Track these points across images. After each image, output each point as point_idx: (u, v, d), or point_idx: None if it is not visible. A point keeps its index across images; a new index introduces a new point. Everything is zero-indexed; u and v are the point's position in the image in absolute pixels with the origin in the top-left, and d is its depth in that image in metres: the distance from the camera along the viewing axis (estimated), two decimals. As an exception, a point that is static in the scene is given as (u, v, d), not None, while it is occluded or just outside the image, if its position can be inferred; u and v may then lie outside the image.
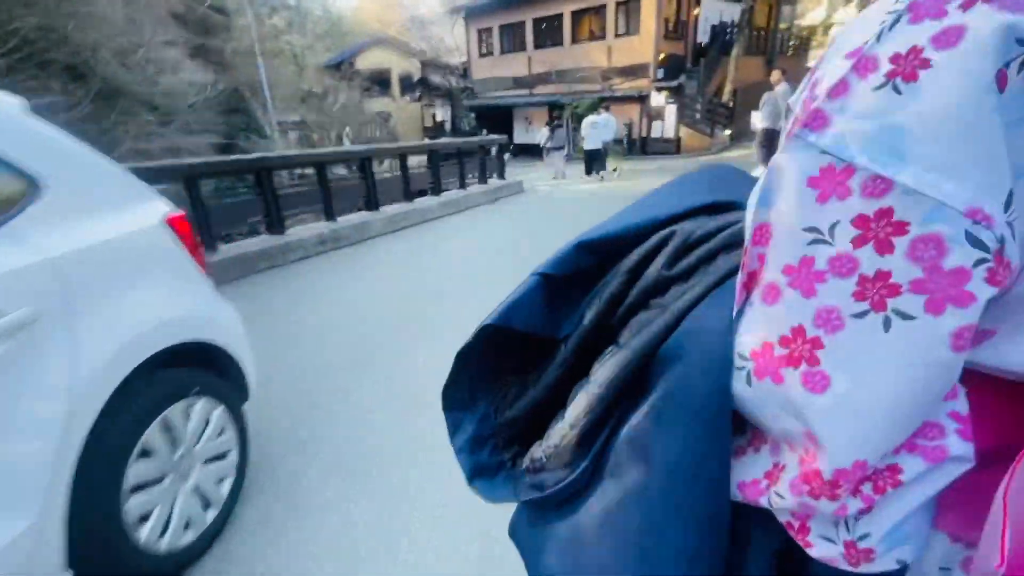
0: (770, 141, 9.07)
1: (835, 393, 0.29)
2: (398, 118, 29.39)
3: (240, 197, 6.08)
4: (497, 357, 0.46)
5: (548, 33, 19.27)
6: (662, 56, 16.44)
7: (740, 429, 0.37)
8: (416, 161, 8.70)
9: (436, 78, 26.58)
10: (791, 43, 21.86)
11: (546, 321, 0.44)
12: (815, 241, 0.29)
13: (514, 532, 0.48)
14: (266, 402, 2.34)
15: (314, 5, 49.48)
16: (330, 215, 6.05)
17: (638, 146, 17.45)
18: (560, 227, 6.43)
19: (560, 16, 18.43)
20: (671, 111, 16.44)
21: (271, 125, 26.48)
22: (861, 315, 0.28)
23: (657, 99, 16.64)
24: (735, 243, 0.41)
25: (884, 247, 0.27)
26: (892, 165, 0.27)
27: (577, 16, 18.12)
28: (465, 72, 23.59)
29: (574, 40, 18.47)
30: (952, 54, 0.26)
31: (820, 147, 0.28)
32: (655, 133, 17.03)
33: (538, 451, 0.43)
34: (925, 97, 0.26)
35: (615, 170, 11.89)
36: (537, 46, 19.65)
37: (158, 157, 20.08)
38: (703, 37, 18.30)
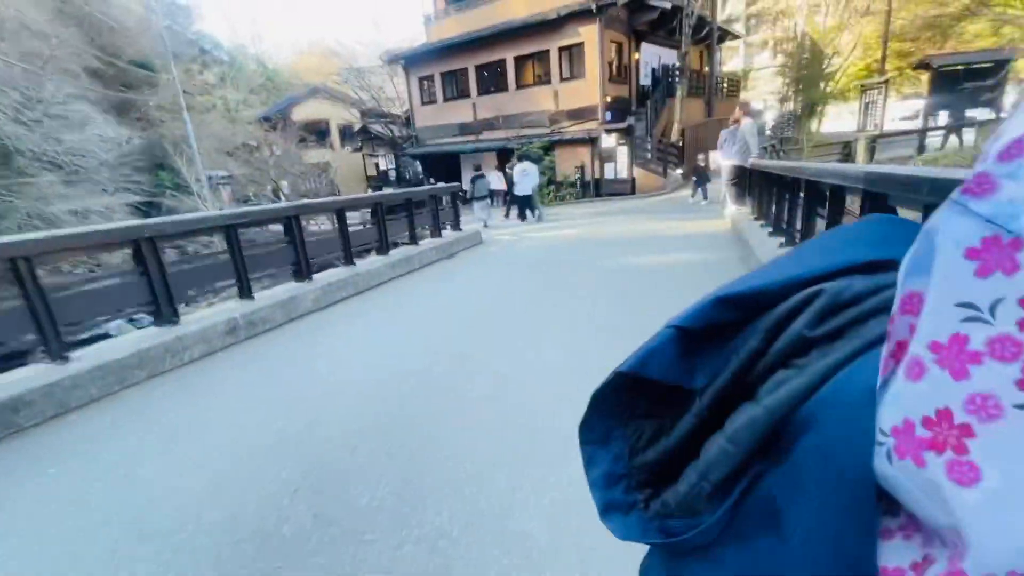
0: (740, 178, 8.61)
1: (986, 489, 0.26)
2: (339, 169, 28.18)
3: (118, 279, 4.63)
4: (631, 400, 0.45)
5: (492, 79, 19.00)
6: (609, 99, 16.39)
7: (893, 512, 0.33)
8: (360, 216, 7.55)
9: (378, 127, 25.78)
10: (724, 87, 22.79)
11: (681, 372, 0.43)
12: (971, 319, 0.26)
13: (645, 572, 0.49)
14: None
15: (249, 60, 48.44)
16: (245, 291, 4.72)
17: (592, 188, 17.09)
18: (538, 285, 5.39)
19: (503, 62, 18.23)
20: (623, 152, 16.26)
21: (199, 181, 24.59)
22: None
23: (608, 141, 16.46)
24: (888, 308, 0.36)
25: None
26: None
27: (520, 62, 17.96)
28: (408, 120, 22.92)
29: (519, 85, 18.25)
30: None
31: (984, 215, 0.25)
32: (608, 174, 16.75)
33: (669, 497, 0.43)
34: None
35: (537, 213, 12.39)
36: (481, 92, 19.32)
37: (63, 222, 17.70)
38: (644, 80, 18.59)
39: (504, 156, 18.31)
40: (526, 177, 11.84)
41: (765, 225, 6.44)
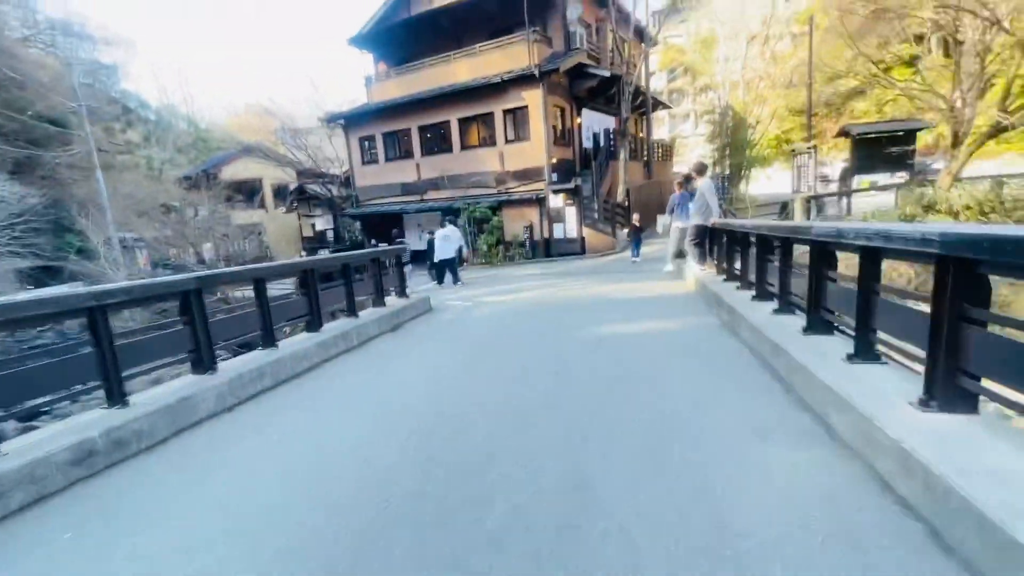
0: (703, 238, 8.32)
1: None
2: (272, 230, 26.57)
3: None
4: None
5: (436, 140, 18.73)
6: (554, 161, 16.43)
7: None
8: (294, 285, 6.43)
9: (314, 187, 24.71)
10: (659, 152, 23.96)
11: None
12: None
13: None
14: None
15: (179, 119, 46.39)
16: (116, 394, 3.46)
17: (542, 248, 16.73)
18: (506, 369, 4.46)
19: (447, 123, 18.07)
20: (571, 212, 16.14)
21: (109, 243, 22.15)
22: None
23: (555, 201, 16.33)
24: None
25: None
26: None
27: (465, 123, 17.86)
28: (348, 180, 22.09)
29: (463, 146, 18.05)
30: None
31: None
32: (558, 234, 16.50)
33: None
34: None
35: (457, 280, 12.07)
36: (425, 152, 18.95)
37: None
38: (587, 144, 19.00)
39: (448, 215, 17.75)
40: (447, 243, 11.58)
41: (742, 287, 5.98)
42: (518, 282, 11.34)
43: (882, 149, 14.25)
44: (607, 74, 17.11)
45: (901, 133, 14.12)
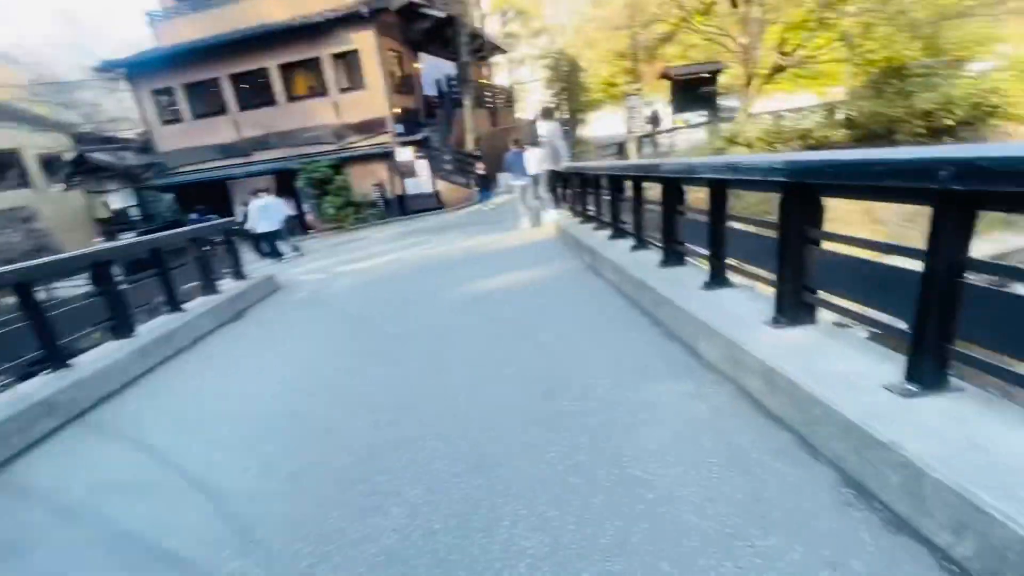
0: (555, 182, 8.48)
1: None
2: (48, 213, 21.13)
3: None
4: None
5: (255, 91, 16.18)
6: (397, 111, 15.35)
7: None
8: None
9: (101, 155, 19.95)
10: (503, 98, 23.86)
11: None
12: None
13: None
14: None
15: None
16: None
17: (396, 206, 15.84)
18: (373, 349, 4.06)
19: (266, 71, 15.65)
20: (423, 166, 15.41)
21: None
22: None
23: (404, 155, 15.40)
24: None
25: None
26: None
27: (288, 71, 15.65)
28: (147, 146, 18.20)
29: (290, 97, 15.89)
30: None
31: None
32: (412, 190, 15.71)
33: None
34: None
35: (297, 250, 11.25)
36: (244, 107, 16.30)
37: None
38: (429, 91, 18.06)
39: (286, 177, 15.77)
40: (266, 212, 10.37)
41: (599, 228, 6.23)
42: (375, 246, 10.60)
43: (695, 90, 15.94)
44: (442, 14, 16.17)
45: (707, 75, 15.93)
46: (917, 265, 1.67)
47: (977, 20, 15.32)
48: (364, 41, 14.56)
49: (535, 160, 8.35)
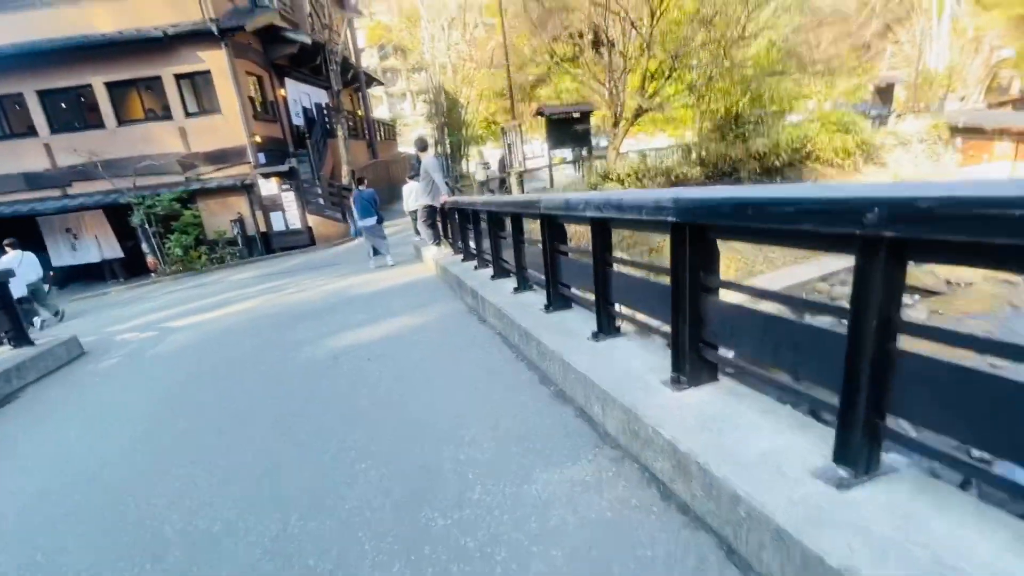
0: (433, 217, 7.98)
1: None
2: None
3: None
4: None
5: (74, 111, 13.66)
6: (259, 139, 13.87)
7: None
8: None
9: None
10: (382, 131, 23.11)
11: None
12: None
13: None
14: None
15: None
16: None
17: (259, 244, 14.14)
18: (194, 427, 3.08)
19: (89, 89, 13.27)
20: (290, 199, 13.99)
21: None
22: None
23: (268, 187, 13.88)
24: None
25: None
26: None
27: (118, 89, 13.44)
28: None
29: (122, 120, 13.61)
30: None
31: None
32: (278, 226, 14.15)
33: None
34: None
35: (58, 315, 9.00)
36: (58, 128, 13.62)
37: None
38: (297, 120, 16.73)
39: (118, 213, 13.33)
40: (22, 270, 7.84)
41: (480, 266, 5.80)
42: (229, 291, 9.13)
43: (569, 128, 16.69)
44: (307, 40, 15.15)
45: (579, 115, 16.83)
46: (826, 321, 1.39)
47: (789, 79, 18.20)
48: (216, 61, 13.02)
49: (412, 195, 7.79)
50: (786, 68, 16.91)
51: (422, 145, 7.23)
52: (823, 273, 10.55)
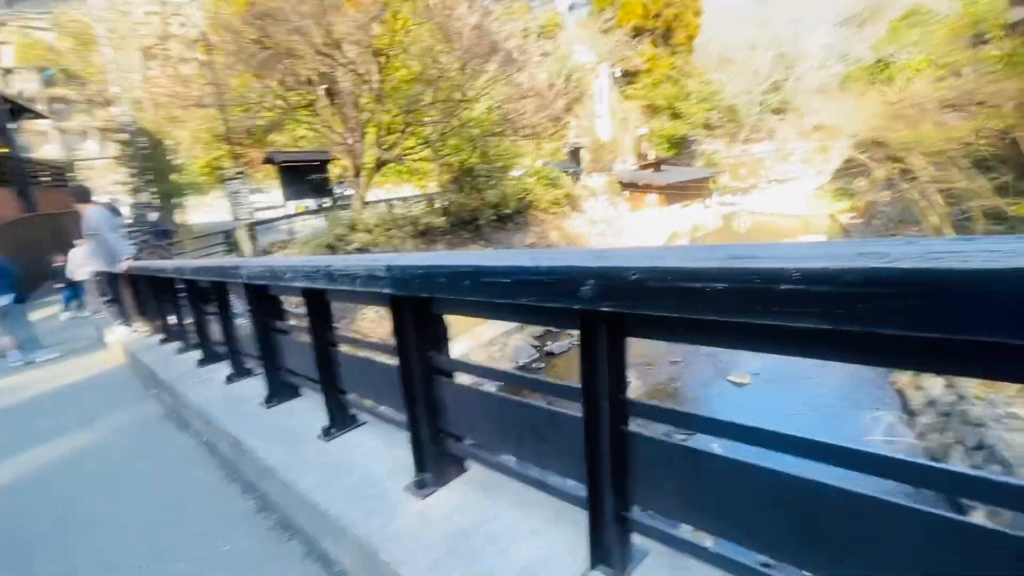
0: (114, 287, 6.09)
1: None
2: None
3: None
4: None
5: None
6: None
7: None
8: None
9: None
10: (46, 174, 17.42)
11: None
12: None
13: None
14: None
15: None
16: None
17: None
18: None
19: None
20: None
21: None
22: None
23: None
24: None
25: None
26: None
27: None
28: None
29: None
30: None
31: None
32: None
33: None
34: None
35: None
36: None
37: None
38: None
39: None
40: None
41: (185, 349, 4.51)
42: None
43: (305, 176, 15.54)
44: None
45: (316, 163, 15.86)
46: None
47: (507, 139, 21.04)
48: None
49: (79, 260, 5.75)
50: (504, 130, 19.40)
51: (83, 195, 5.41)
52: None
